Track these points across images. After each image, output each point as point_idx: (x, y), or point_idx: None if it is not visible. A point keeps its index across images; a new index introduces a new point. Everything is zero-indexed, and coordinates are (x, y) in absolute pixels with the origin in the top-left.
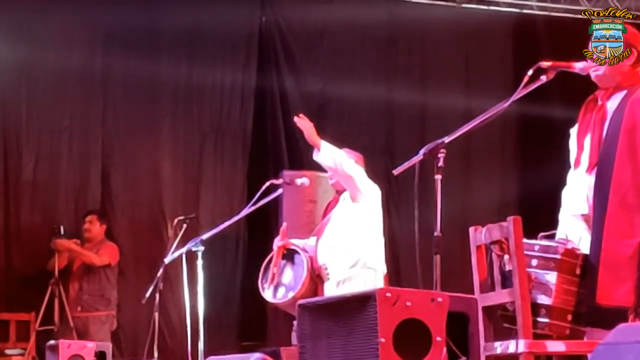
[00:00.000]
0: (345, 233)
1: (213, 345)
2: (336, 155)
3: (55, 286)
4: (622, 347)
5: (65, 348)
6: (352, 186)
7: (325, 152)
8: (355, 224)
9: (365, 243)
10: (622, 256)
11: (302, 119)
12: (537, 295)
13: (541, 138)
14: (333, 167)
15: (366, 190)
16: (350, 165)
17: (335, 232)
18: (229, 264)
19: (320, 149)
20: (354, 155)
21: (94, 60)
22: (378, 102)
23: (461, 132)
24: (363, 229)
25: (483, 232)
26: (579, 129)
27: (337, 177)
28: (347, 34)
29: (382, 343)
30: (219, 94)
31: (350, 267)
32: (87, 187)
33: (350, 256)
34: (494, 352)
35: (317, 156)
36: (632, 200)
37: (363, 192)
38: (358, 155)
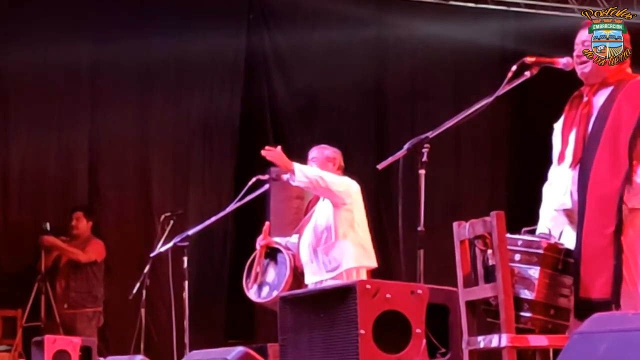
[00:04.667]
0: (324, 235)
1: (199, 341)
2: (310, 174)
3: (42, 283)
4: (596, 336)
5: (51, 343)
6: (332, 197)
7: (299, 174)
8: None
9: (346, 244)
10: (599, 247)
11: (269, 150)
12: (519, 289)
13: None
14: (311, 186)
15: (346, 197)
16: (326, 178)
17: (315, 232)
18: (216, 261)
19: (294, 172)
20: (331, 152)
21: (82, 55)
22: (367, 98)
23: (445, 127)
24: (343, 230)
25: (466, 227)
26: (564, 124)
27: (316, 192)
28: (336, 31)
29: (362, 335)
30: (207, 91)
31: (327, 271)
32: (75, 183)
33: (328, 260)
34: (477, 346)
35: (294, 180)
36: (608, 191)
37: (343, 199)
38: (335, 150)
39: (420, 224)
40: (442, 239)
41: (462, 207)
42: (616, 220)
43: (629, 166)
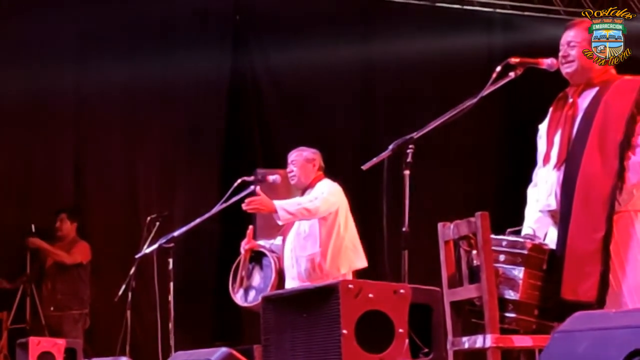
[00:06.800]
0: (308, 242)
1: (185, 343)
2: (293, 209)
3: (28, 285)
4: (577, 334)
5: (35, 345)
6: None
7: (282, 214)
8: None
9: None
10: (587, 251)
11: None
12: (504, 290)
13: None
14: (297, 219)
15: (328, 210)
16: (310, 207)
17: (298, 238)
18: (202, 262)
19: (277, 211)
20: (310, 153)
21: (68, 57)
22: (354, 99)
23: (430, 127)
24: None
25: (451, 227)
26: (549, 125)
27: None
28: (323, 32)
29: (345, 335)
30: (193, 92)
31: (307, 278)
32: (61, 185)
33: (312, 267)
34: (462, 346)
35: (279, 219)
36: (598, 195)
37: (325, 213)
38: (315, 151)
39: (405, 224)
40: (427, 240)
41: (446, 207)
42: (606, 225)
43: (619, 169)
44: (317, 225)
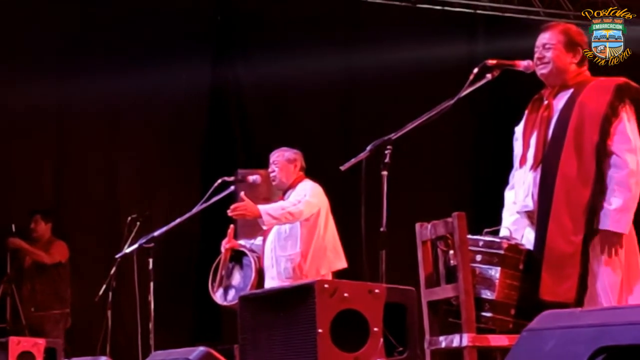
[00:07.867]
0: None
1: (165, 343)
2: (277, 214)
3: (8, 285)
4: (545, 332)
5: (15, 345)
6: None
7: (267, 218)
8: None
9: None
10: (566, 253)
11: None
12: (481, 290)
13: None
14: (281, 223)
15: (310, 212)
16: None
17: (279, 238)
18: (182, 262)
19: (262, 216)
20: (291, 154)
21: (49, 60)
22: (335, 100)
23: (408, 128)
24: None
25: (429, 227)
26: (525, 127)
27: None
28: (304, 32)
29: (320, 334)
30: (174, 92)
31: (287, 277)
32: (40, 185)
33: (291, 267)
34: (439, 346)
35: (264, 224)
36: (577, 197)
37: (308, 215)
38: (296, 152)
39: (383, 224)
40: (405, 240)
41: (424, 208)
42: (585, 228)
43: (596, 173)
44: (298, 226)
